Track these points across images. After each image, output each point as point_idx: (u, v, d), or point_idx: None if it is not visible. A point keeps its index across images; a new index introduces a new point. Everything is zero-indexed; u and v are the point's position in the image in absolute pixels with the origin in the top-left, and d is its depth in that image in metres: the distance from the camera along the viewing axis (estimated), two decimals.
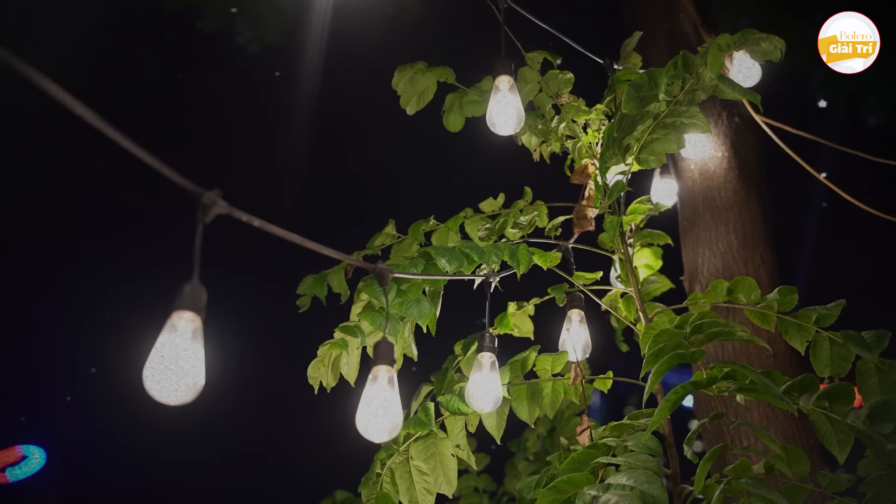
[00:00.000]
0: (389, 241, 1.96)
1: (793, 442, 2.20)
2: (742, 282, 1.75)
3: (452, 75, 2.02)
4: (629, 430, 1.45)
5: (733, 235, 2.66)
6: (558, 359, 1.78)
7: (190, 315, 1.00)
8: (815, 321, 1.66)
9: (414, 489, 1.62)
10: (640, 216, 1.82)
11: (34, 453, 4.71)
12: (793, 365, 2.38)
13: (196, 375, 0.98)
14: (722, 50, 1.59)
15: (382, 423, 1.29)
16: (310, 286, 1.87)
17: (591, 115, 1.87)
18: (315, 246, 1.24)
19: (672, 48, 3.03)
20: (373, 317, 1.57)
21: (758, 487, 1.17)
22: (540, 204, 1.90)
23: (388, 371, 1.32)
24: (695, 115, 1.62)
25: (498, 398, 1.61)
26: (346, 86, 5.52)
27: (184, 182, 0.99)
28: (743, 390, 1.31)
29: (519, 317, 1.95)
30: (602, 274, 1.93)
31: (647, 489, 1.13)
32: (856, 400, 1.44)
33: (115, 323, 5.48)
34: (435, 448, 1.64)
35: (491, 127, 1.79)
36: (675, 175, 2.83)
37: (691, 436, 1.40)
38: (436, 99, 2.05)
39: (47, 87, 0.81)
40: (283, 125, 6.00)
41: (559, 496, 1.24)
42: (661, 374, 1.28)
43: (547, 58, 1.98)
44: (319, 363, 1.69)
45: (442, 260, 1.61)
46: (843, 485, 1.49)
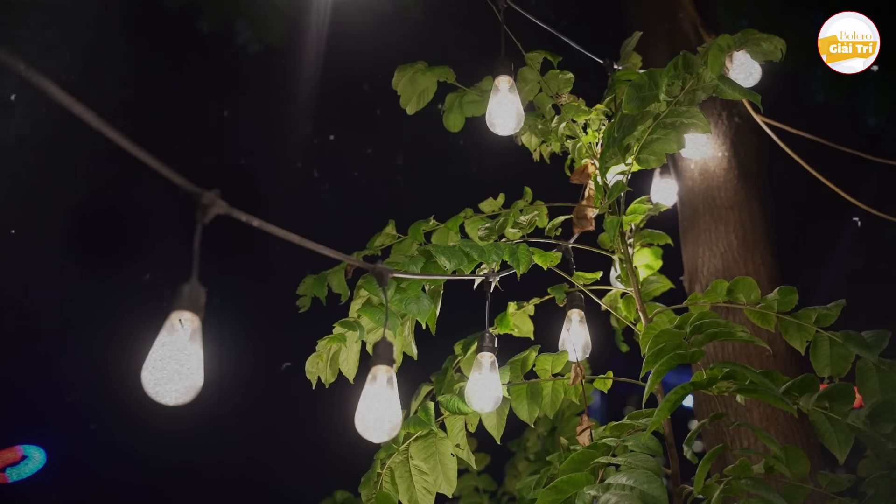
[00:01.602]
0: (389, 242, 1.96)
1: (793, 442, 2.20)
2: (742, 282, 1.75)
3: (452, 75, 2.02)
4: (629, 430, 1.45)
5: (733, 235, 2.66)
6: (558, 359, 1.78)
7: (189, 315, 1.00)
8: (815, 321, 1.66)
9: (414, 489, 1.62)
10: (640, 216, 1.82)
11: (34, 453, 4.71)
12: (793, 365, 2.38)
13: (195, 376, 0.98)
14: (722, 50, 1.59)
15: (382, 423, 1.29)
16: (310, 286, 1.87)
17: (591, 115, 1.87)
18: (315, 246, 1.24)
19: (672, 48, 3.03)
20: (372, 312, 1.57)
21: (757, 488, 1.17)
22: (540, 204, 1.90)
23: (388, 371, 1.32)
24: (695, 115, 1.62)
25: (498, 398, 1.61)
26: (346, 86, 5.53)
27: (183, 182, 0.99)
28: (743, 391, 1.31)
29: (519, 317, 1.95)
30: (602, 274, 1.93)
31: (647, 489, 1.13)
32: (856, 400, 1.44)
33: (115, 323, 5.47)
34: (435, 448, 1.64)
35: (491, 127, 1.79)
36: (675, 175, 2.83)
37: (691, 436, 1.40)
38: (436, 99, 2.05)
39: (47, 87, 0.81)
40: (283, 125, 6.00)
41: (559, 496, 1.24)
42: (661, 374, 1.28)
43: (547, 58, 1.98)
44: (318, 358, 1.69)
45: (442, 258, 1.61)
46: (843, 485, 1.49)
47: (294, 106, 5.70)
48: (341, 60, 5.19)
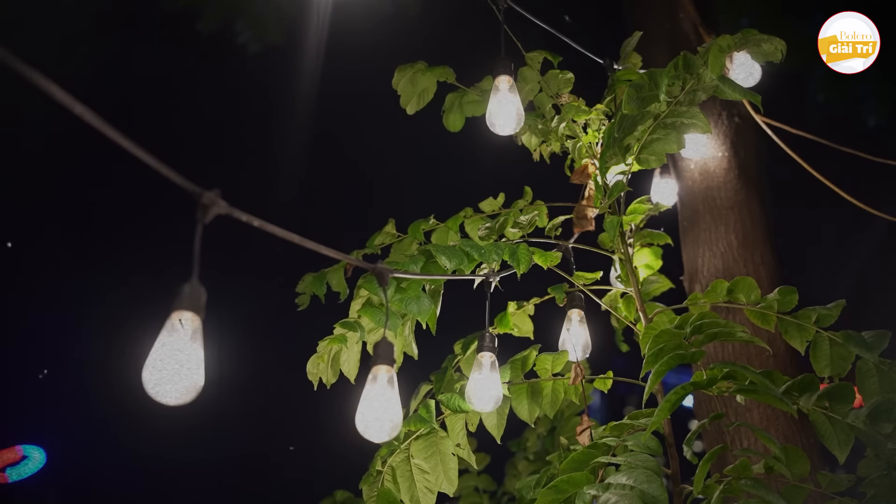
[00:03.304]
0: (389, 241, 1.96)
1: (793, 442, 2.20)
2: (742, 282, 1.75)
3: (452, 75, 2.02)
4: (629, 430, 1.45)
5: (733, 235, 2.66)
6: (558, 358, 1.78)
7: (189, 315, 1.00)
8: (815, 321, 1.66)
9: (415, 487, 1.62)
10: (640, 216, 1.82)
11: (34, 453, 4.71)
12: (793, 365, 2.38)
13: (195, 375, 0.98)
14: (723, 51, 1.59)
15: (382, 422, 1.29)
16: (309, 285, 1.87)
17: (591, 115, 1.87)
18: (315, 246, 1.24)
19: (672, 48, 3.03)
20: (372, 313, 1.57)
21: (757, 488, 1.17)
22: (540, 204, 1.90)
23: (388, 371, 1.32)
24: (695, 115, 1.62)
25: (498, 398, 1.61)
26: (346, 85, 5.52)
27: (183, 182, 0.99)
28: (743, 391, 1.31)
29: (519, 316, 1.95)
30: (602, 274, 1.93)
31: (647, 489, 1.13)
32: (856, 400, 1.44)
33: (115, 323, 5.47)
34: (436, 447, 1.64)
35: (491, 127, 1.79)
36: (675, 175, 2.83)
37: (691, 436, 1.40)
38: (436, 99, 2.05)
39: (47, 86, 0.81)
40: (283, 125, 6.00)
41: (559, 496, 1.24)
42: (661, 374, 1.28)
43: (547, 58, 1.98)
44: (319, 359, 1.69)
45: (442, 258, 1.60)
46: (843, 485, 1.49)
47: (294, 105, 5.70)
48: (341, 60, 5.19)
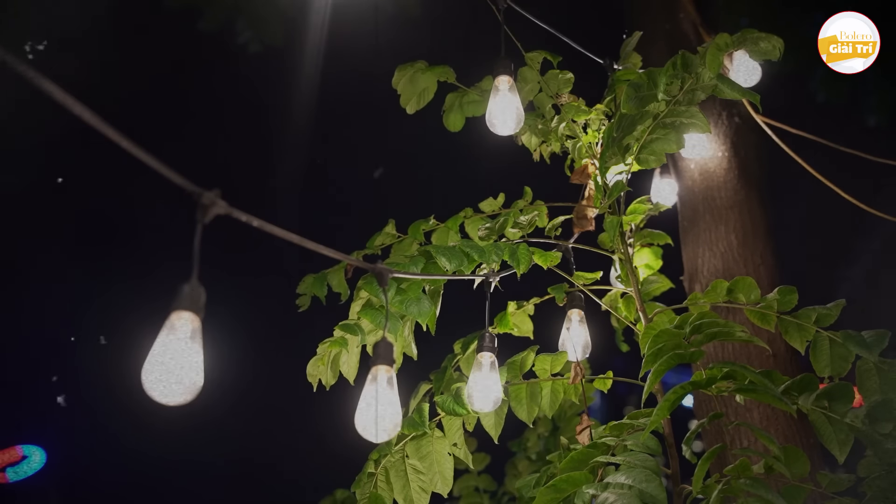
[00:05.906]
0: (389, 241, 1.96)
1: (792, 442, 2.20)
2: (742, 282, 1.75)
3: (452, 75, 2.02)
4: (629, 430, 1.45)
5: (733, 235, 2.66)
6: (557, 359, 1.78)
7: (189, 315, 1.00)
8: (815, 321, 1.66)
9: (409, 488, 1.62)
10: (640, 216, 1.82)
11: (34, 453, 4.71)
12: (793, 365, 2.38)
13: (195, 375, 0.98)
14: (721, 50, 1.59)
15: (381, 423, 1.29)
16: (309, 286, 1.87)
17: (591, 115, 1.87)
18: (315, 246, 1.24)
19: (672, 48, 3.03)
20: (372, 314, 1.57)
21: (756, 488, 1.17)
22: (540, 204, 1.90)
23: (388, 371, 1.32)
24: (694, 114, 1.62)
25: (498, 398, 1.61)
26: (346, 85, 5.52)
27: (183, 182, 0.99)
28: (742, 390, 1.31)
29: (519, 316, 1.95)
30: (602, 274, 1.93)
31: (646, 488, 1.13)
32: (856, 400, 1.44)
33: (115, 323, 5.47)
34: (431, 447, 1.64)
35: (491, 127, 1.79)
36: (675, 175, 2.83)
37: (690, 436, 1.40)
38: (436, 98, 2.04)
39: (47, 87, 0.81)
40: (283, 125, 6.00)
41: (558, 495, 1.24)
42: (661, 373, 1.28)
43: (547, 58, 1.98)
44: (319, 361, 1.69)
45: (442, 258, 1.61)
46: (843, 485, 1.49)
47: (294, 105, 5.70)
48: (341, 60, 5.19)
